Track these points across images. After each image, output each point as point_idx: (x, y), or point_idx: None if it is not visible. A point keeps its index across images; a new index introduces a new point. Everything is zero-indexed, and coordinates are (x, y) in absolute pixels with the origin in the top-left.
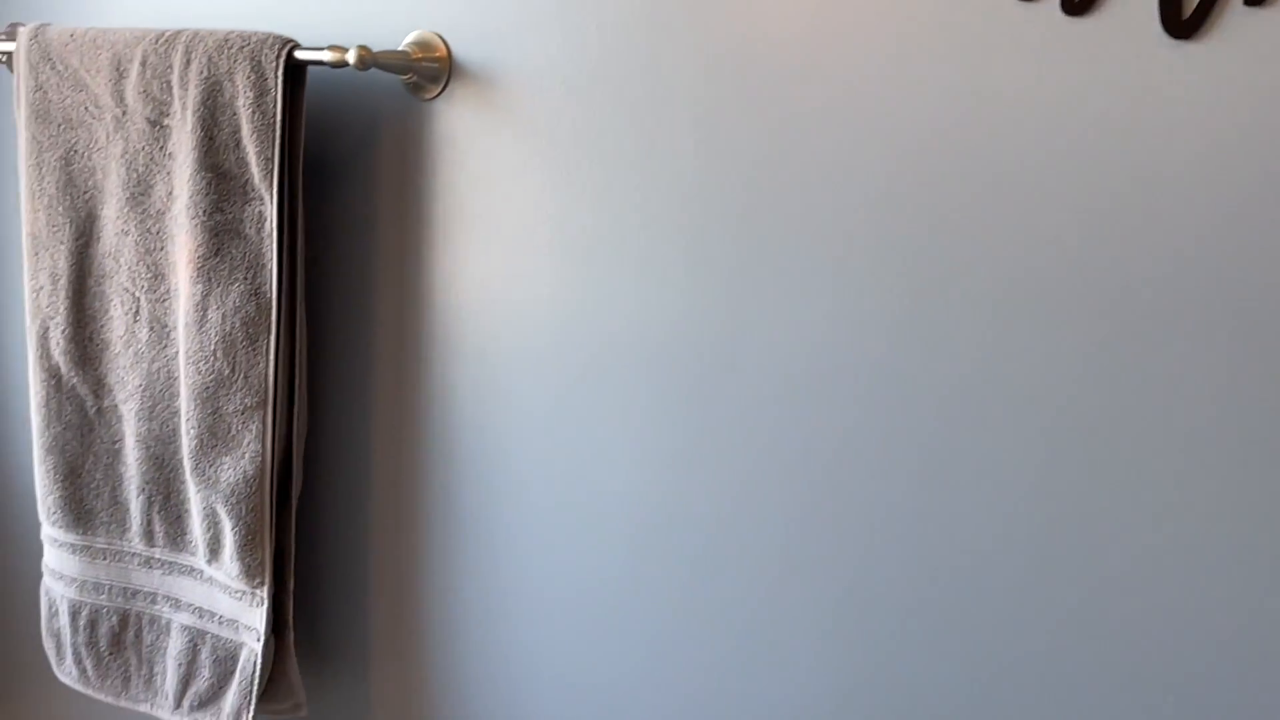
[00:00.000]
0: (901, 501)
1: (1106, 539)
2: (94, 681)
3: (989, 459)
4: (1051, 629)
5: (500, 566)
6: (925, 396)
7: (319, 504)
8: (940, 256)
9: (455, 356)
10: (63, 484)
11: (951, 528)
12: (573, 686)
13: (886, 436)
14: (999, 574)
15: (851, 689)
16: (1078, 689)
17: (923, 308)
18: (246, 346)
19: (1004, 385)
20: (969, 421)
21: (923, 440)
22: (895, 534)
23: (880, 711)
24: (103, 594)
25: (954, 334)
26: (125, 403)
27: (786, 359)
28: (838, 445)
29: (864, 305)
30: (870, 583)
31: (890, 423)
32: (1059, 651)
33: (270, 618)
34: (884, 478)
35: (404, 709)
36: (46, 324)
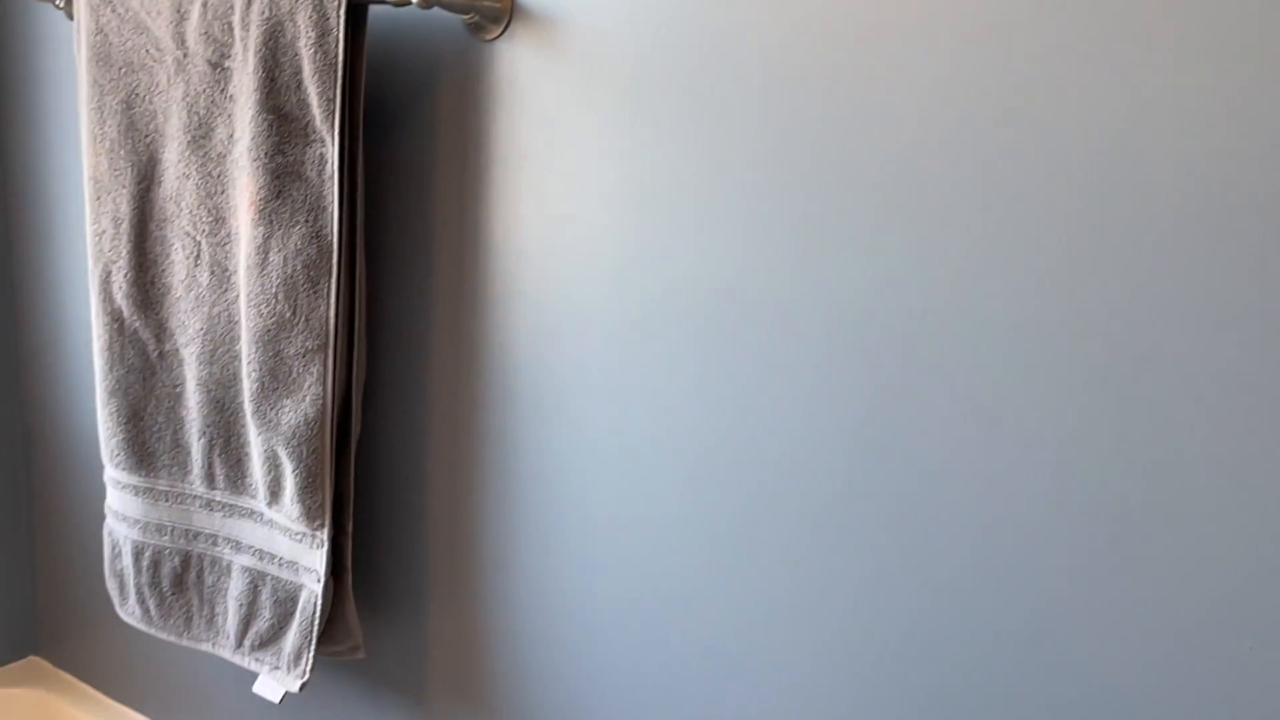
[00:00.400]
0: (961, 453)
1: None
2: (156, 621)
3: (1057, 408)
4: (1122, 582)
5: (556, 510)
6: (991, 346)
7: (377, 448)
8: (1007, 211)
9: (513, 300)
10: (125, 427)
11: (1012, 477)
12: (627, 629)
13: (949, 387)
14: (1064, 522)
15: (904, 635)
16: (1153, 637)
17: (990, 259)
18: (308, 289)
19: (1071, 330)
20: (1035, 371)
21: (988, 391)
22: (951, 485)
23: (933, 657)
24: (165, 535)
25: (1018, 288)
26: (186, 346)
27: (847, 309)
28: (898, 395)
29: (928, 257)
30: (925, 532)
31: (953, 374)
32: (1131, 604)
33: (330, 560)
34: (945, 427)
35: (460, 652)
36: (109, 268)
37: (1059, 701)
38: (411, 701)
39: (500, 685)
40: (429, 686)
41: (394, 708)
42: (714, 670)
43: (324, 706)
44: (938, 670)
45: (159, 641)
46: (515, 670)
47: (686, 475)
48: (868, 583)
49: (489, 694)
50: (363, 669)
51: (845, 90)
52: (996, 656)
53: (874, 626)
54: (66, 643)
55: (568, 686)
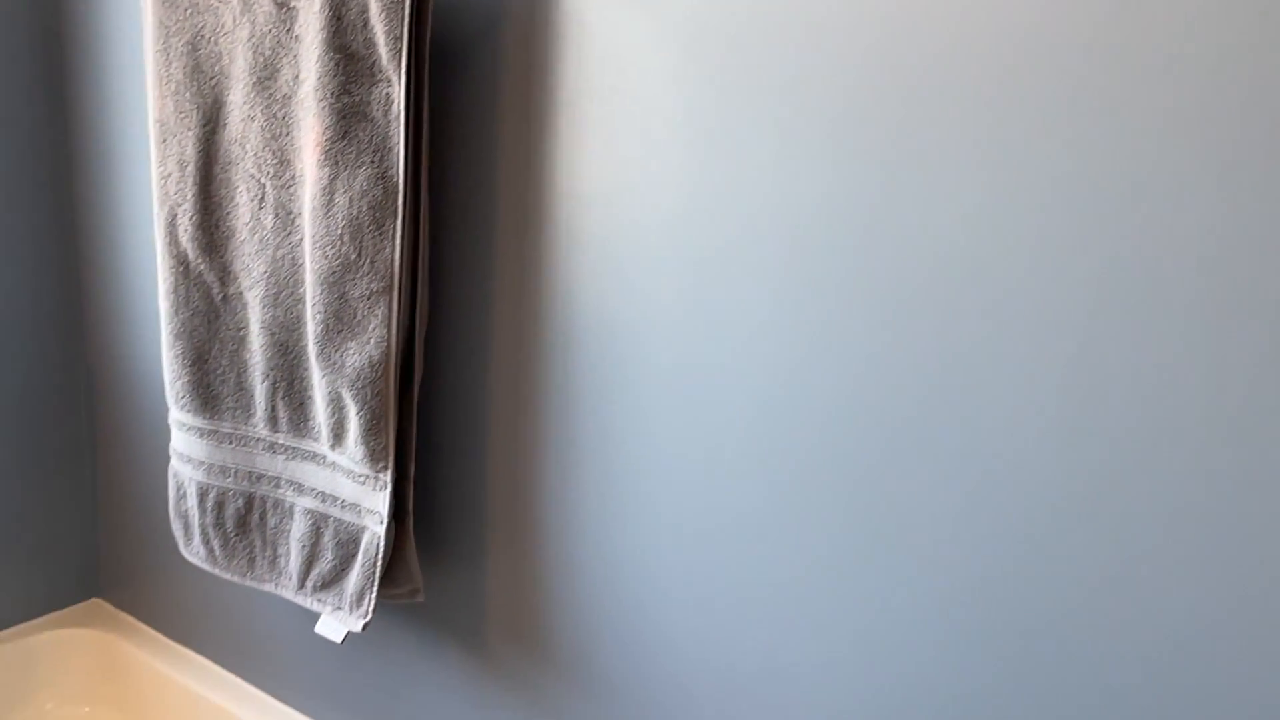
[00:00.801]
0: (1047, 394)
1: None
2: (220, 561)
3: (1157, 344)
4: (1222, 515)
5: (618, 456)
6: (1078, 287)
7: (437, 393)
8: (1101, 139)
9: (578, 243)
10: (190, 369)
11: (1101, 416)
12: (689, 576)
13: (1035, 325)
14: (1154, 469)
15: (982, 582)
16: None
17: (1083, 182)
18: (373, 231)
19: (1170, 265)
20: (1126, 310)
21: (1075, 330)
22: (1038, 426)
23: (1012, 603)
24: (229, 477)
25: (1113, 218)
26: (250, 289)
27: (929, 246)
28: (982, 334)
29: (1018, 194)
30: (1009, 473)
31: (1039, 313)
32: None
33: (392, 503)
34: (1029, 368)
35: (518, 597)
36: (174, 211)
37: (1146, 652)
38: (469, 646)
39: (558, 632)
40: (486, 631)
41: (451, 652)
42: (778, 617)
43: (382, 649)
44: (1016, 617)
45: (218, 585)
46: (573, 617)
47: (755, 418)
48: (946, 528)
49: (546, 640)
50: (421, 613)
51: (938, 15)
52: (1079, 604)
53: (951, 573)
54: (128, 586)
55: (626, 634)
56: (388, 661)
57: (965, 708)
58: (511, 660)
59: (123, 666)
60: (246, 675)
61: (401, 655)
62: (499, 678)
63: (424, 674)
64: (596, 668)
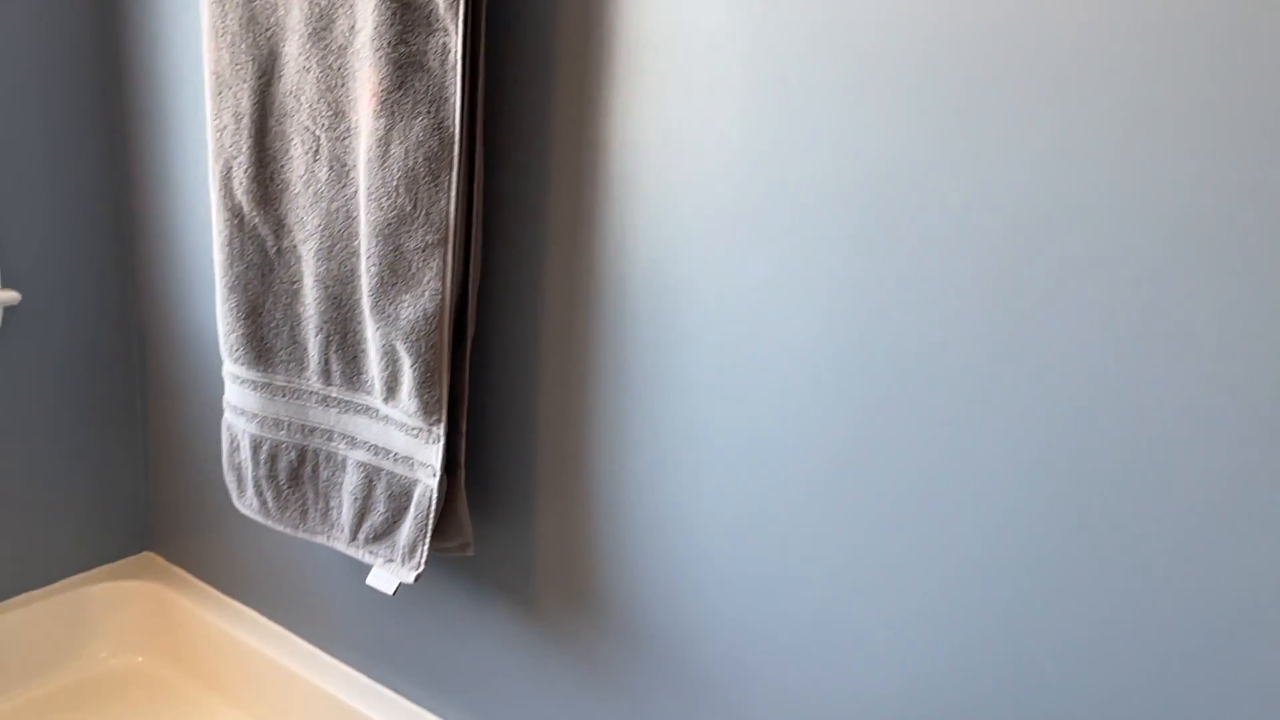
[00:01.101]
0: (1119, 357)
1: None
2: (273, 513)
3: (1233, 302)
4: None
5: (670, 412)
6: (1149, 243)
7: (489, 348)
8: (1182, 96)
9: (634, 196)
10: (244, 322)
11: (1168, 381)
12: (740, 535)
13: (1105, 285)
14: (1219, 427)
15: (1039, 547)
16: None
17: (1155, 138)
18: (429, 182)
19: (1245, 218)
20: (1197, 269)
21: (1145, 290)
22: (1110, 391)
23: (1065, 573)
24: (282, 430)
25: (1183, 170)
26: (304, 243)
27: (1003, 197)
28: (1050, 295)
29: (1091, 149)
30: (1074, 443)
31: (1111, 272)
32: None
33: (444, 456)
34: (1104, 328)
35: (567, 553)
36: (229, 164)
37: (1218, 624)
38: (517, 600)
39: (606, 587)
40: (535, 586)
41: (499, 606)
42: (829, 576)
43: (430, 603)
44: (1076, 594)
45: (267, 540)
46: (622, 573)
47: (811, 373)
48: (1007, 491)
49: (594, 596)
50: (470, 567)
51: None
52: (1145, 579)
53: (1008, 540)
54: (178, 540)
55: (674, 591)
56: (435, 616)
57: (1018, 679)
58: (559, 615)
59: (174, 618)
60: (295, 629)
61: (449, 610)
62: (546, 633)
63: (472, 628)
64: (644, 624)
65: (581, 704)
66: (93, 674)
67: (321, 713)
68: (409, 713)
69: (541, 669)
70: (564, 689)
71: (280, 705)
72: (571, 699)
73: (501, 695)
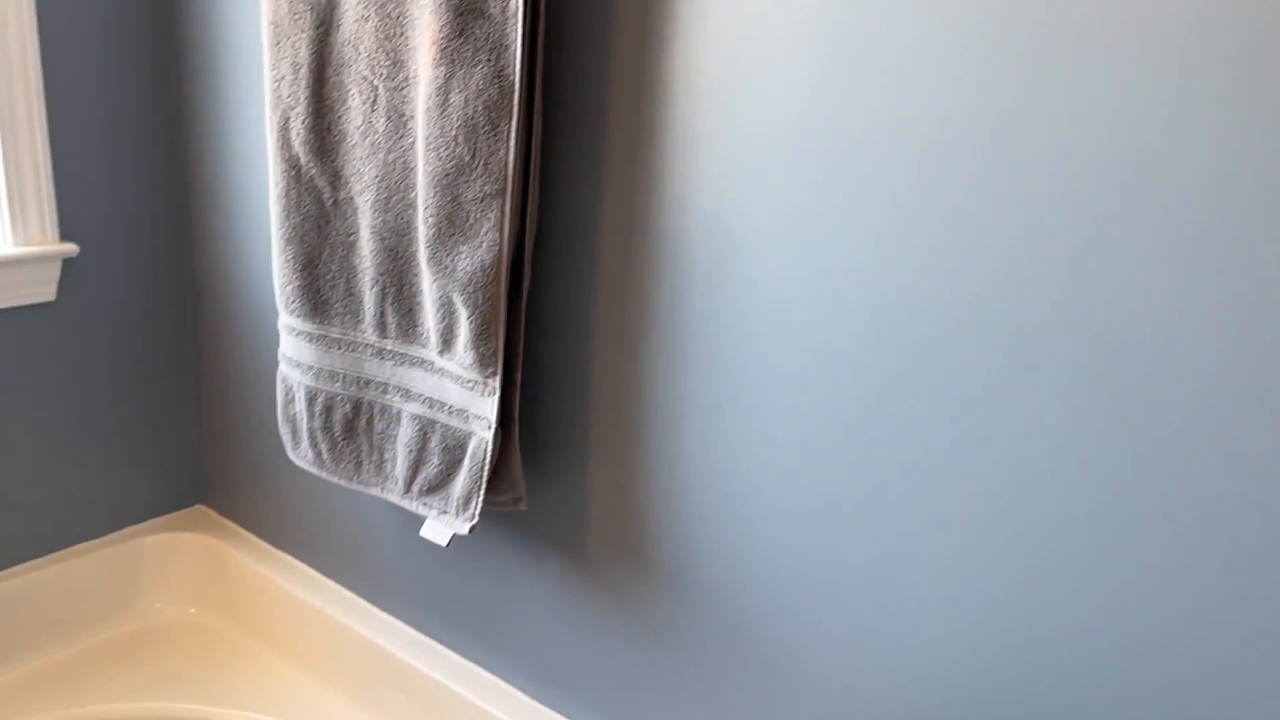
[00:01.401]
0: (1183, 294)
1: None
2: (328, 465)
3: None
4: None
5: (727, 366)
6: (1216, 187)
7: (544, 300)
8: (1259, 50)
9: (694, 146)
10: (300, 274)
11: (1240, 320)
12: (796, 489)
13: (1174, 223)
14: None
15: (1101, 499)
16: None
17: (1235, 95)
18: (488, 131)
19: None
20: (1267, 215)
21: (1214, 226)
22: (1173, 333)
23: (1120, 522)
24: (337, 382)
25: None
26: (361, 194)
27: (1070, 142)
28: (1115, 236)
29: (1162, 94)
30: (1136, 389)
31: (1175, 213)
32: None
33: (499, 409)
34: (1166, 270)
35: (620, 508)
36: (287, 114)
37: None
38: (569, 555)
39: (659, 543)
40: (587, 541)
41: (551, 560)
42: (883, 532)
43: (481, 558)
44: (1136, 543)
45: (318, 495)
46: (674, 529)
47: (868, 329)
48: (1063, 446)
49: (647, 551)
50: (522, 521)
51: None
52: (1210, 531)
53: (1069, 488)
54: (230, 493)
55: (728, 547)
56: (486, 570)
57: (1073, 629)
58: (611, 570)
59: (226, 570)
60: (345, 582)
61: (500, 564)
62: (598, 588)
63: (522, 583)
64: (696, 580)
65: (632, 660)
66: (147, 624)
67: (371, 665)
68: (459, 667)
69: (592, 624)
70: (614, 644)
71: (330, 657)
72: (622, 654)
73: (551, 650)
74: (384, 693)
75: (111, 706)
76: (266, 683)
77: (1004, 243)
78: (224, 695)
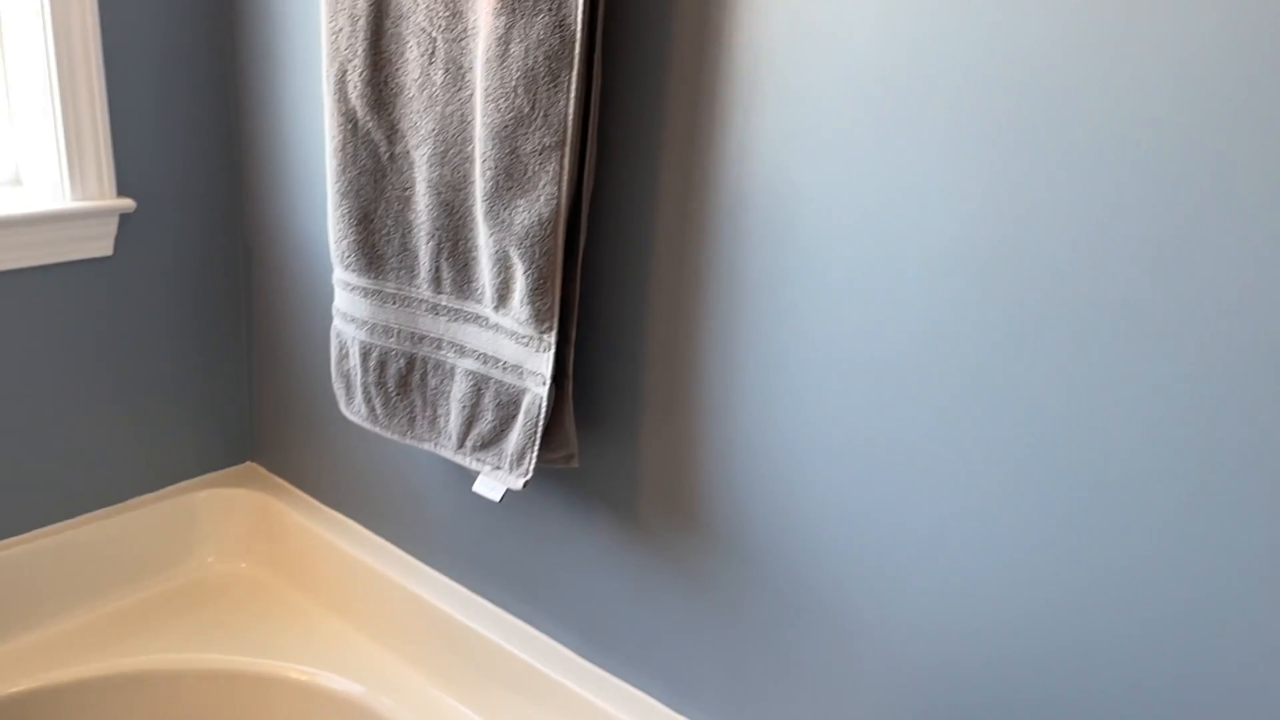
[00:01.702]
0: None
1: None
2: (381, 420)
3: None
4: None
5: (787, 326)
6: None
7: (600, 256)
8: None
9: (756, 99)
10: (356, 229)
11: None
12: (855, 453)
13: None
14: None
15: (1196, 474)
16: None
17: None
18: (548, 82)
19: None
20: None
21: None
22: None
23: (1227, 504)
24: (391, 337)
25: None
26: (417, 148)
27: (1167, 87)
28: (1221, 186)
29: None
30: (1236, 354)
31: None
32: None
33: (554, 365)
34: (1275, 223)
35: (672, 467)
36: (344, 67)
37: None
38: (620, 513)
39: (712, 504)
40: (638, 498)
41: (601, 517)
42: (948, 498)
43: (531, 517)
44: (1240, 529)
45: (369, 451)
46: (728, 490)
47: (939, 288)
48: (1163, 418)
49: (699, 512)
50: (574, 479)
51: None
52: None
53: (1159, 471)
54: (281, 450)
55: (783, 509)
56: (536, 529)
57: (1169, 619)
58: (663, 531)
59: (276, 526)
60: (394, 539)
61: (550, 523)
62: (649, 548)
63: (573, 542)
64: (749, 539)
65: (681, 617)
66: (199, 577)
67: (420, 622)
68: (506, 623)
69: (641, 582)
70: (664, 602)
71: (379, 613)
72: (671, 612)
73: (600, 607)
74: (430, 648)
75: (164, 657)
76: (315, 636)
77: (1091, 196)
78: (273, 648)
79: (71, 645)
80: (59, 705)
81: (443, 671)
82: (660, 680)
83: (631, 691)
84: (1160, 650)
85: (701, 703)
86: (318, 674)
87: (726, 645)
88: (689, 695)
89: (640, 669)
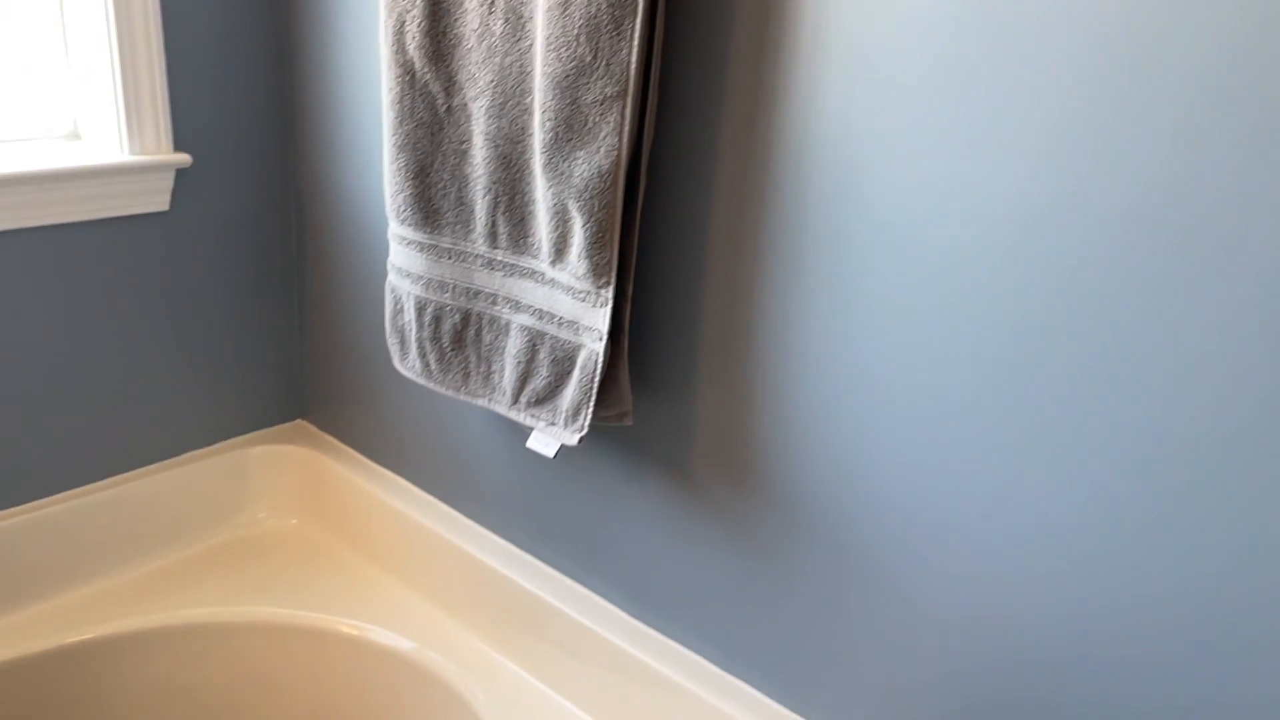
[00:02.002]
0: None
1: None
2: (436, 375)
3: None
4: None
5: (848, 286)
6: None
7: (658, 211)
8: None
9: (823, 46)
10: (412, 182)
11: None
12: (914, 416)
13: None
14: None
15: (1250, 432)
16: None
17: None
18: (610, 30)
19: None
20: None
21: None
22: None
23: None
24: (446, 293)
25: None
26: (475, 100)
27: (1262, 34)
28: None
29: None
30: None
31: None
32: None
33: (610, 320)
34: None
35: (727, 428)
36: (403, 18)
37: None
38: (673, 473)
39: (767, 466)
40: (691, 457)
41: (655, 478)
42: (1008, 460)
43: (585, 473)
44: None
45: (419, 409)
46: (785, 452)
47: (1010, 241)
48: (1221, 376)
49: (754, 473)
50: (627, 437)
51: None
52: None
53: (1214, 427)
54: (331, 408)
55: (840, 473)
56: (586, 486)
57: (1208, 574)
58: (716, 491)
59: (326, 483)
60: (444, 497)
61: (602, 481)
62: (703, 508)
63: (625, 501)
64: (807, 503)
65: (733, 577)
66: (251, 533)
67: (470, 579)
68: (557, 582)
69: (693, 541)
70: (716, 561)
71: (429, 570)
72: (723, 572)
73: (652, 569)
74: (480, 604)
75: (218, 610)
76: (364, 592)
77: (1169, 146)
78: (324, 603)
79: (126, 598)
80: (116, 655)
81: (492, 628)
82: (711, 641)
83: (682, 651)
84: (1232, 603)
85: (754, 664)
86: (368, 629)
87: (780, 606)
88: (741, 656)
89: (691, 629)
